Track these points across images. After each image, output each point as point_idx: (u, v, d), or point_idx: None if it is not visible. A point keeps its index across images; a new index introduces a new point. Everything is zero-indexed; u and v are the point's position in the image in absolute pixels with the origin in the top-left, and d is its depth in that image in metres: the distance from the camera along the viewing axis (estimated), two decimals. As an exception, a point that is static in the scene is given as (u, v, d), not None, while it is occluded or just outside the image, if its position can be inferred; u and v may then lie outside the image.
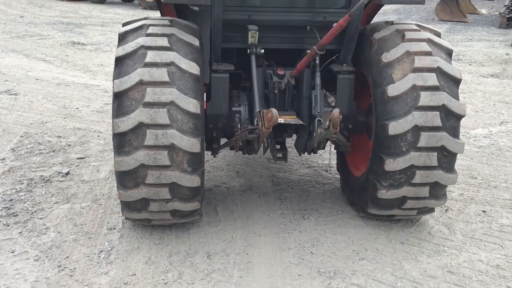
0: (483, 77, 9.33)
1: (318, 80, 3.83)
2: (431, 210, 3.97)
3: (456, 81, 3.56)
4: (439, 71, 3.50)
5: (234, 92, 4.08)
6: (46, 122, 6.25)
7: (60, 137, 5.79)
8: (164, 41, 3.43)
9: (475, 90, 8.40)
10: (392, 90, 3.51)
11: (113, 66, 3.50)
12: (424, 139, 3.45)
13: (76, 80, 8.31)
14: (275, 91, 3.98)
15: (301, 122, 3.86)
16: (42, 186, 4.57)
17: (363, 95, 4.13)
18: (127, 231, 3.86)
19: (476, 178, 5.06)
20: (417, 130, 3.44)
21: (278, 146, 4.16)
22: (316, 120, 3.71)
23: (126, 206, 3.54)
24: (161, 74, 3.29)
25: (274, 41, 3.98)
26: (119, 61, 3.42)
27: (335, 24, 3.34)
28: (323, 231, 3.97)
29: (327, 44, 3.51)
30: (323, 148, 4.17)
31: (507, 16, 15.25)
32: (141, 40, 3.44)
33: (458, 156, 3.69)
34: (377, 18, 4.55)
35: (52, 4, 18.54)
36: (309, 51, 3.62)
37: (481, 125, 6.68)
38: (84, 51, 10.71)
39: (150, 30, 3.53)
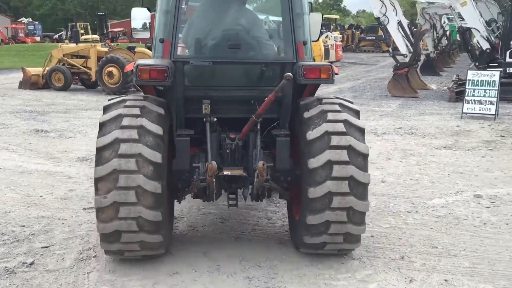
0: (437, 149, 9.80)
1: (258, 142, 4.78)
2: (357, 239, 4.62)
3: (364, 156, 4.44)
4: (350, 148, 4.39)
5: (196, 151, 4.92)
6: (9, 212, 6.19)
7: (24, 226, 5.72)
8: (136, 111, 4.39)
9: (430, 162, 8.80)
10: (311, 163, 4.41)
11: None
12: (336, 171, 4.32)
13: (40, 168, 8.30)
14: (227, 151, 4.88)
15: (244, 174, 4.73)
16: (6, 278, 4.48)
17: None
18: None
19: (436, 247, 5.23)
20: (330, 164, 4.34)
21: (233, 196, 5.07)
22: (255, 172, 4.53)
23: (103, 239, 4.36)
24: (132, 134, 4.24)
25: (225, 112, 4.94)
26: (102, 125, 4.36)
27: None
28: (292, 308, 4.00)
29: (262, 114, 4.52)
30: (268, 197, 5.09)
31: (455, 91, 16.22)
32: (120, 110, 4.41)
33: (419, 226, 5.07)
34: (338, 92, 4.85)
35: (14, 93, 18.66)
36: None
37: (438, 195, 6.96)
38: (48, 138, 10.75)
39: (127, 103, 4.51)
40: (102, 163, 4.18)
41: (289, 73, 4.27)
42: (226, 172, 4.65)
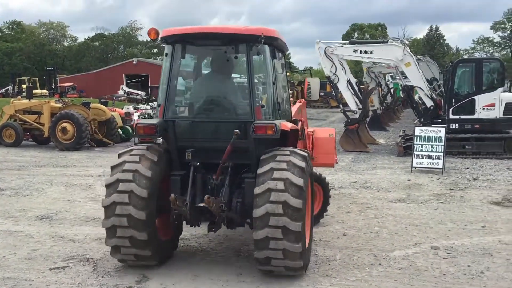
0: (392, 202, 10.23)
1: (226, 181, 6.05)
2: (294, 256, 5.56)
3: (297, 209, 5.51)
4: (288, 181, 5.56)
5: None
6: (-29, 274, 5.99)
7: (-12, 289, 5.56)
8: (136, 158, 5.94)
9: (387, 215, 9.18)
10: (254, 213, 5.60)
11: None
12: (274, 196, 5.47)
13: (-2, 227, 8.08)
14: (208, 188, 6.12)
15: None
16: None
17: None
18: None
19: (402, 298, 5.46)
20: (268, 192, 5.51)
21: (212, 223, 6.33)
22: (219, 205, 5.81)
23: (112, 250, 6.01)
24: (128, 176, 5.79)
25: (205, 158, 6.19)
26: (112, 168, 5.99)
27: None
28: None
29: (226, 160, 5.90)
30: (242, 225, 6.43)
31: (403, 145, 17.02)
32: (125, 157, 6.01)
33: (384, 278, 5.80)
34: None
35: (-38, 149, 18.07)
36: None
37: (398, 247, 7.26)
38: (3, 197, 10.47)
39: (133, 152, 6.07)
40: (106, 196, 5.85)
41: (237, 130, 5.75)
42: (199, 204, 5.94)
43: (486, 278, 6.10)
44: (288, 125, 6.10)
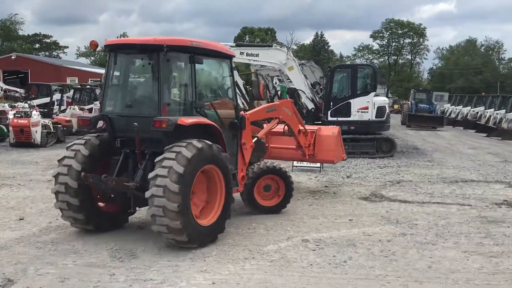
0: (271, 199, 10.61)
1: (142, 166, 7.37)
2: (176, 231, 6.76)
3: (178, 174, 6.73)
4: (171, 169, 6.73)
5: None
6: None
7: None
8: (72, 154, 7.48)
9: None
10: (146, 194, 6.86)
11: None
12: (158, 181, 6.68)
13: None
14: (132, 170, 7.59)
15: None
16: None
17: None
18: None
19: (270, 288, 5.75)
20: (156, 177, 6.72)
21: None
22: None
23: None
24: (64, 170, 7.41)
25: (130, 146, 7.42)
26: (59, 160, 7.58)
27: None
28: None
29: (140, 148, 7.31)
30: (139, 206, 7.81)
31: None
32: (65, 153, 7.59)
33: (255, 271, 6.16)
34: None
35: None
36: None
37: (272, 242, 7.60)
38: None
39: (72, 147, 7.58)
40: (55, 184, 7.51)
41: (135, 123, 7.00)
42: (127, 183, 7.16)
43: (348, 266, 6.61)
44: (187, 121, 7.02)
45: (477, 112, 36.70)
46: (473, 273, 6.42)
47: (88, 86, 32.77)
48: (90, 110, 25.83)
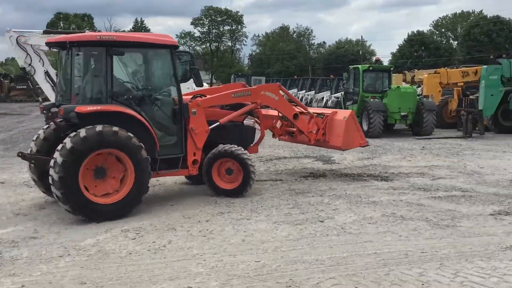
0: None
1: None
2: (62, 201, 7.88)
3: (68, 155, 7.82)
4: (57, 153, 7.89)
5: None
6: None
7: None
8: (35, 137, 9.12)
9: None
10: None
11: None
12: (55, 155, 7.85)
13: None
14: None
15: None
16: None
17: None
18: None
19: (85, 283, 5.60)
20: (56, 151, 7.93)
21: None
22: None
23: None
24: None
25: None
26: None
27: None
28: None
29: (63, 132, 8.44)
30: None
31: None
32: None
33: (70, 267, 5.98)
34: None
35: None
36: None
37: (90, 236, 7.37)
38: None
39: (38, 132, 9.14)
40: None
41: (58, 111, 8.23)
42: (42, 157, 8.74)
43: (167, 250, 6.73)
44: (84, 109, 7.88)
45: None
46: (280, 241, 7.03)
47: None
48: None
